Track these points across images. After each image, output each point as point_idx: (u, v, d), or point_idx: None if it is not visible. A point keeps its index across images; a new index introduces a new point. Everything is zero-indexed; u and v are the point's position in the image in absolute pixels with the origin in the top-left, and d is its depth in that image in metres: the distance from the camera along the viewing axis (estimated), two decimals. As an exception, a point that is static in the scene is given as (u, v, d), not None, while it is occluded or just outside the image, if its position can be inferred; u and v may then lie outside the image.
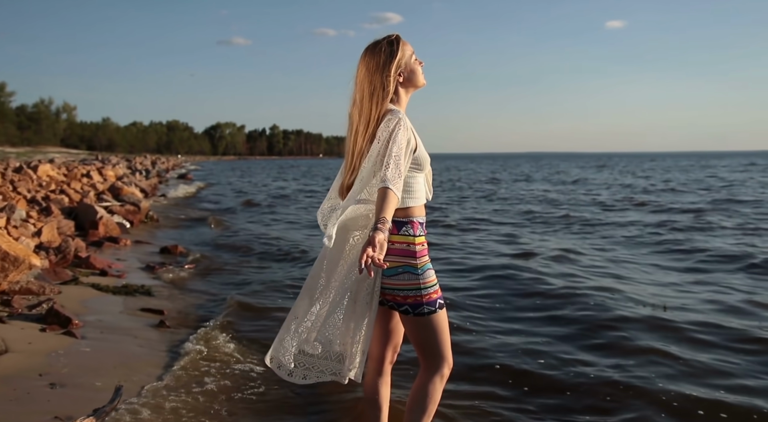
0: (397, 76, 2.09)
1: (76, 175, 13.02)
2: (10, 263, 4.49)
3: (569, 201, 17.54)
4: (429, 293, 2.05)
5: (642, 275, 6.81)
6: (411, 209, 2.08)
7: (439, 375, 2.14)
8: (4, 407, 2.87)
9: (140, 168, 27.98)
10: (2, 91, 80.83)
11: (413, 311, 2.05)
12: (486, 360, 3.98)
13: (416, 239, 2.05)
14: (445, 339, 2.13)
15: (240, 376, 3.61)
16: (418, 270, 2.03)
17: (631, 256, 8.10)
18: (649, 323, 4.72)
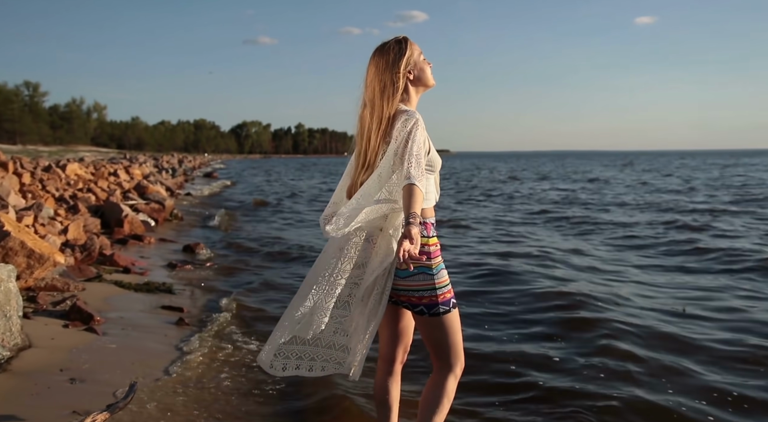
0: (407, 73, 2.12)
1: (103, 174, 13.29)
2: (35, 261, 4.62)
3: (576, 200, 17.36)
4: (443, 293, 2.08)
5: (633, 277, 6.66)
6: (424, 210, 2.09)
7: (453, 375, 2.17)
8: (25, 401, 2.96)
9: (167, 167, 28.43)
10: (36, 92, 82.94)
11: (428, 311, 2.08)
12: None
13: (430, 240, 2.08)
14: (458, 338, 2.16)
15: (254, 375, 3.66)
16: (433, 270, 2.06)
17: (619, 257, 7.99)
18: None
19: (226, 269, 7.00)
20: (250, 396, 3.36)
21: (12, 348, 3.37)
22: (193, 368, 3.68)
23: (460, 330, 2.16)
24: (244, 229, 11.05)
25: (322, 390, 3.42)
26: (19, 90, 79.41)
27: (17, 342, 3.45)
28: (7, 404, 2.89)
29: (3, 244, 4.45)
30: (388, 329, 2.24)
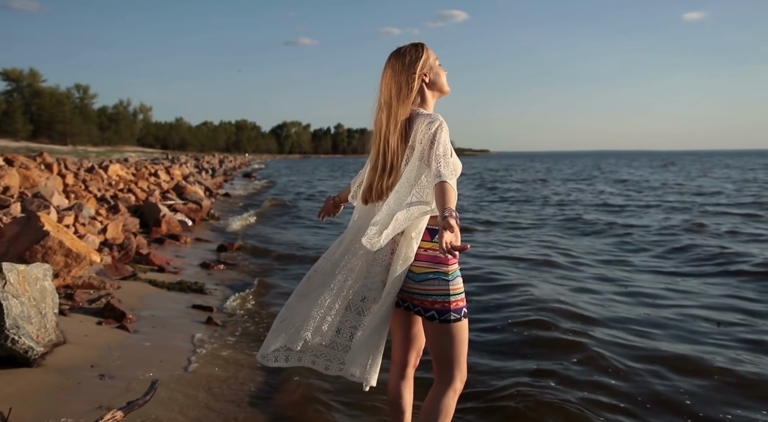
0: (423, 75, 2.13)
1: (144, 174, 13.69)
2: (72, 260, 4.80)
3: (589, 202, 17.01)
4: (456, 301, 2.08)
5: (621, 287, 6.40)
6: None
7: (453, 389, 2.13)
8: (56, 395, 3.08)
9: (207, 167, 29.06)
10: (86, 94, 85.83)
11: (439, 317, 2.07)
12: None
13: None
14: (464, 350, 2.13)
15: (276, 378, 3.72)
16: (449, 277, 2.06)
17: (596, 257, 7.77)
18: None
19: (259, 271, 7.11)
20: (269, 400, 3.42)
21: (47, 343, 3.50)
22: (217, 368, 3.77)
23: (467, 342, 2.14)
24: (272, 231, 11.20)
25: (344, 394, 3.46)
26: (71, 93, 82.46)
27: (52, 339, 3.59)
28: (39, 398, 3.02)
29: (43, 243, 4.65)
30: (400, 333, 2.25)
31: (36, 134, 67.42)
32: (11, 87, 72.58)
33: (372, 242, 1.96)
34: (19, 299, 3.37)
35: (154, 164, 23.21)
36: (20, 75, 73.25)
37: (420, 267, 2.08)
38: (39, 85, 74.18)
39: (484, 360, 4.10)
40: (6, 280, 3.35)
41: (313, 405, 3.31)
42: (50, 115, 70.90)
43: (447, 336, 2.09)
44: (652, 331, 4.73)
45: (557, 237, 10.21)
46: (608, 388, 3.60)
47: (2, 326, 3.19)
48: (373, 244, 1.96)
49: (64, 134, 70.78)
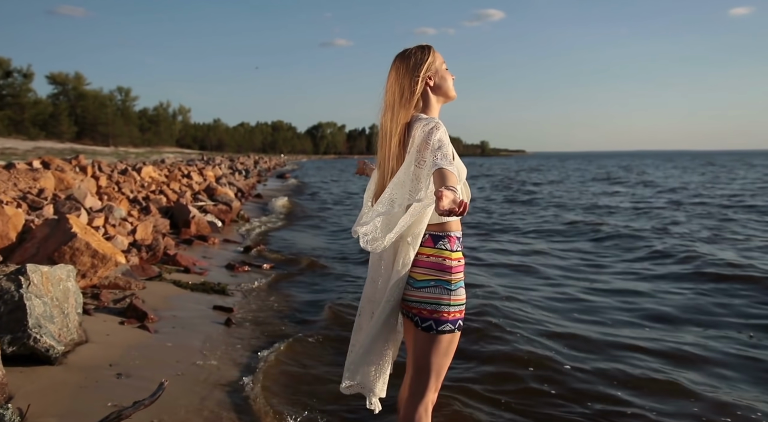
0: (427, 78, 2.09)
1: (176, 176, 14.02)
2: (99, 260, 4.96)
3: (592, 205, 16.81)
4: (455, 312, 2.02)
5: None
6: (448, 223, 2.06)
7: (424, 404, 2.08)
8: (73, 392, 3.20)
9: (241, 168, 29.53)
10: (128, 96, 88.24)
11: (436, 327, 2.01)
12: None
13: (452, 254, 2.03)
14: (447, 363, 2.09)
15: (287, 380, 3.78)
16: (451, 286, 2.01)
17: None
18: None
19: (282, 273, 7.19)
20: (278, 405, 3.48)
21: (68, 342, 3.64)
22: (231, 369, 3.85)
23: (451, 357, 2.09)
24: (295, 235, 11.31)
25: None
26: (113, 95, 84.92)
27: (74, 338, 3.73)
28: (57, 395, 3.13)
29: (70, 245, 4.82)
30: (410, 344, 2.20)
31: (80, 136, 69.64)
32: (57, 90, 75.16)
33: (374, 246, 1.98)
34: (42, 299, 3.51)
35: (188, 165, 23.72)
36: (66, 78, 75.73)
37: (421, 274, 2.02)
38: (83, 88, 76.58)
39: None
40: (30, 281, 3.49)
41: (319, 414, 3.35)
42: (94, 117, 73.13)
43: (437, 347, 2.04)
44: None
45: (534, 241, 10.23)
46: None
47: (25, 325, 3.33)
48: (375, 247, 1.98)
49: (106, 135, 72.90)
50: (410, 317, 2.09)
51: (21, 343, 3.31)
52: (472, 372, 4.04)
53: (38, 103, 66.67)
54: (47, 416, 2.90)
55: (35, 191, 6.84)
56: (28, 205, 6.03)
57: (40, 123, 63.97)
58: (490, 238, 10.69)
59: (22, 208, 5.80)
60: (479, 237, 10.73)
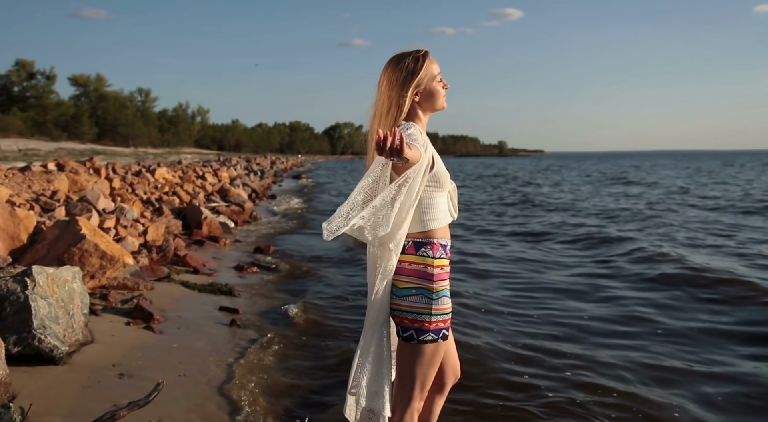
0: (414, 96, 2.05)
1: (190, 177, 14.19)
2: (107, 262, 5.06)
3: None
4: (437, 321, 1.97)
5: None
6: (432, 230, 2.01)
7: (409, 413, 2.05)
8: (75, 391, 3.27)
9: (256, 169, 29.75)
10: (147, 98, 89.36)
11: (417, 337, 1.96)
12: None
13: (435, 261, 1.98)
14: (432, 372, 2.04)
15: (289, 380, 3.82)
16: (433, 295, 1.96)
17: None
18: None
19: (290, 275, 7.24)
20: (278, 404, 3.52)
21: (73, 343, 3.71)
22: (232, 369, 3.90)
23: (437, 366, 2.04)
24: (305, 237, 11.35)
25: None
26: (133, 96, 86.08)
27: (78, 338, 3.81)
28: (59, 394, 3.20)
29: (79, 246, 4.91)
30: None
31: (101, 137, 70.71)
32: (79, 92, 76.42)
33: (329, 234, 1.85)
34: (47, 300, 3.59)
35: (203, 166, 23.97)
36: (87, 80, 76.96)
37: (403, 282, 1.98)
38: (104, 89, 77.78)
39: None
40: (35, 282, 3.57)
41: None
42: (114, 118, 74.24)
43: (419, 357, 2.00)
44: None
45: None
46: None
47: (30, 326, 3.41)
48: (330, 232, 1.84)
49: (126, 136, 73.92)
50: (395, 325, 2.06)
51: (26, 343, 3.39)
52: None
53: (60, 104, 67.90)
54: (49, 415, 2.97)
55: (48, 193, 6.98)
56: (40, 207, 6.17)
57: (63, 124, 65.11)
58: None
59: (34, 210, 5.93)
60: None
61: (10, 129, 52.57)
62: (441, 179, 2.03)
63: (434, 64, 2.08)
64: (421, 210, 2.01)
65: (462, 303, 5.73)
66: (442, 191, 2.06)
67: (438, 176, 2.02)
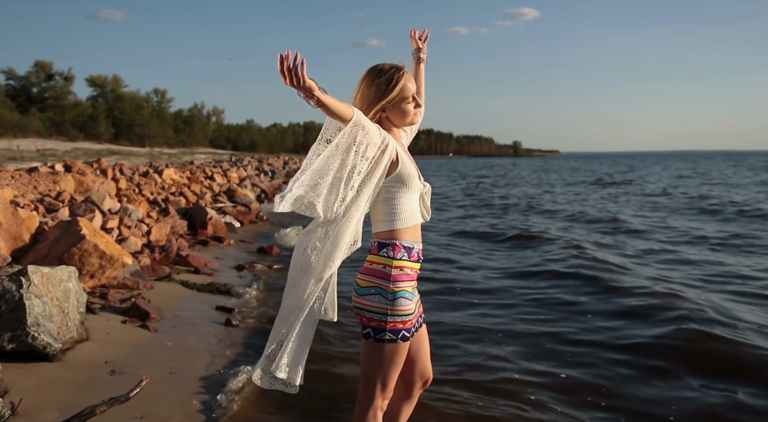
0: (381, 112, 2.11)
1: (198, 178, 14.37)
2: (106, 262, 5.18)
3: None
4: (395, 322, 2.01)
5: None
6: (396, 231, 2.06)
7: (372, 411, 2.09)
8: (67, 387, 3.38)
9: (267, 169, 29.96)
10: (163, 98, 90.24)
11: (374, 336, 2.02)
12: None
13: (394, 261, 2.03)
14: (392, 374, 2.08)
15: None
16: (389, 295, 2.00)
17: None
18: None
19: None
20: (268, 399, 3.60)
21: (67, 340, 3.82)
22: (222, 369, 3.99)
23: (398, 366, 2.08)
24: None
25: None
26: (149, 97, 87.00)
27: (73, 336, 3.92)
28: (50, 390, 3.31)
29: (79, 246, 5.04)
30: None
31: (117, 137, 71.59)
32: (96, 92, 77.41)
33: (281, 201, 1.94)
34: (41, 299, 3.70)
35: (214, 166, 24.20)
36: (104, 81, 77.92)
37: (364, 281, 2.06)
38: (121, 90, 78.70)
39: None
40: (30, 281, 3.69)
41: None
42: (130, 118, 75.14)
43: (378, 355, 2.04)
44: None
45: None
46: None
47: (24, 323, 3.53)
48: (277, 205, 1.94)
49: (142, 136, 74.77)
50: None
51: (20, 340, 3.50)
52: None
53: (78, 105, 68.86)
54: (39, 409, 3.07)
55: (54, 194, 7.15)
56: (45, 207, 6.33)
57: (80, 125, 66.05)
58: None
59: (38, 210, 6.08)
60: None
61: (29, 129, 53.45)
62: (406, 179, 2.08)
63: (409, 84, 2.11)
64: (387, 210, 2.07)
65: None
66: (410, 191, 2.10)
67: (403, 176, 2.07)
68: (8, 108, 53.39)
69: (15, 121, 52.38)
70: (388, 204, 2.07)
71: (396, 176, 2.06)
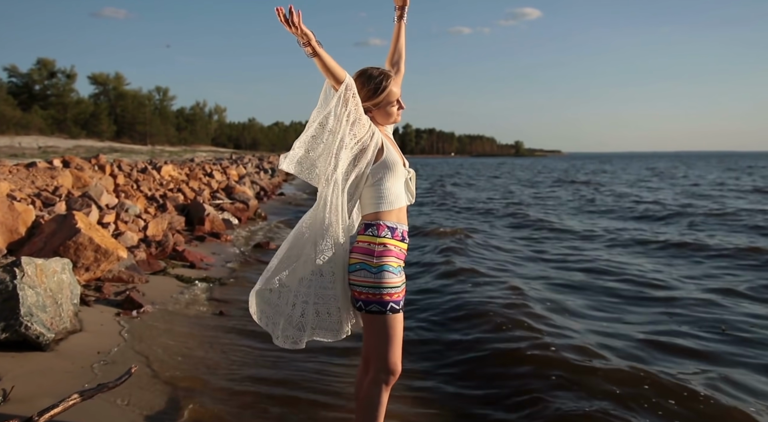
0: (368, 111, 2.31)
1: (197, 175, 14.44)
2: (101, 255, 5.24)
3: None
4: (382, 294, 2.18)
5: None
6: (381, 213, 2.24)
7: (379, 381, 2.24)
8: (59, 376, 3.44)
9: (267, 167, 30.04)
10: (165, 96, 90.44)
11: (365, 307, 2.19)
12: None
13: (378, 239, 2.20)
14: (392, 343, 2.22)
15: (263, 364, 3.95)
16: (373, 269, 2.17)
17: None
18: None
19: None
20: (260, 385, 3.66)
21: (60, 331, 3.89)
22: (216, 356, 4.05)
23: (397, 337, 2.23)
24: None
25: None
26: (151, 95, 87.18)
27: (66, 326, 3.98)
28: (43, 378, 3.38)
29: (74, 240, 5.10)
30: (364, 329, 2.35)
31: (119, 135, 71.80)
32: (99, 90, 77.62)
33: (281, 162, 2.22)
34: (35, 289, 3.76)
35: (214, 164, 24.27)
36: (107, 79, 78.14)
37: (353, 258, 2.23)
38: (123, 88, 78.90)
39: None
40: (24, 272, 3.75)
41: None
42: (132, 116, 75.35)
43: (373, 327, 2.22)
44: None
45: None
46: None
47: (17, 313, 3.59)
48: (283, 164, 2.22)
49: (144, 134, 74.96)
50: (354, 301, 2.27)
51: (13, 330, 3.57)
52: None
53: (80, 102, 69.09)
54: (30, 397, 3.13)
55: (51, 189, 7.22)
56: (41, 202, 6.40)
57: (82, 122, 66.25)
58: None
59: (35, 205, 6.15)
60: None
61: (31, 127, 53.64)
62: (391, 165, 2.27)
63: (395, 88, 2.34)
64: (375, 194, 2.26)
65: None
66: (395, 176, 2.29)
67: (388, 162, 2.26)
68: (11, 105, 53.60)
69: (17, 118, 52.57)
70: (376, 188, 2.26)
71: (382, 162, 2.25)
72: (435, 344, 4.64)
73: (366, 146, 2.21)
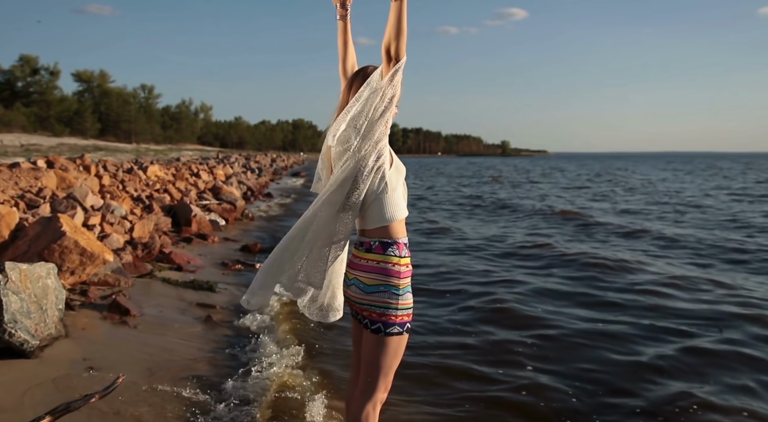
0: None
1: (183, 175, 14.30)
2: (87, 258, 5.16)
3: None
4: (403, 315, 2.15)
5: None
6: (396, 230, 2.17)
7: (376, 399, 2.19)
8: (44, 384, 3.37)
9: (254, 167, 29.85)
10: (151, 94, 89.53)
11: (385, 330, 2.14)
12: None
13: (401, 260, 2.16)
14: (395, 364, 2.20)
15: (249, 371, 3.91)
16: (400, 291, 2.13)
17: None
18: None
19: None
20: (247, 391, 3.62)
21: (45, 337, 3.82)
22: (202, 364, 4.00)
23: (399, 358, 2.20)
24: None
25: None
26: (136, 93, 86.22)
27: (51, 333, 3.91)
28: (27, 386, 3.31)
29: (59, 243, 5.02)
30: (358, 345, 2.32)
31: (103, 133, 70.94)
32: (83, 88, 76.67)
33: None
34: (19, 295, 3.69)
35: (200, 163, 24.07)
36: (91, 76, 77.25)
37: (371, 279, 2.14)
38: (108, 85, 77.99)
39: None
40: (8, 278, 3.67)
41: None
42: (117, 114, 74.49)
43: (385, 349, 2.16)
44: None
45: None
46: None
47: (1, 320, 3.52)
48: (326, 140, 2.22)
49: (129, 132, 74.14)
50: (360, 319, 2.21)
51: (-3, 337, 3.49)
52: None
53: (64, 100, 68.18)
54: (15, 406, 3.07)
55: (35, 190, 7.10)
56: (25, 203, 6.28)
57: (65, 120, 65.37)
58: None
59: (19, 207, 6.04)
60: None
61: (14, 124, 52.82)
62: (402, 170, 2.26)
63: (399, 91, 2.27)
64: (385, 204, 2.17)
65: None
66: (399, 182, 2.23)
67: (399, 169, 2.24)
68: (-8, 102, 52.73)
69: (-1, 115, 51.75)
70: (386, 197, 2.17)
71: (395, 167, 2.22)
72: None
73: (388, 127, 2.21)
